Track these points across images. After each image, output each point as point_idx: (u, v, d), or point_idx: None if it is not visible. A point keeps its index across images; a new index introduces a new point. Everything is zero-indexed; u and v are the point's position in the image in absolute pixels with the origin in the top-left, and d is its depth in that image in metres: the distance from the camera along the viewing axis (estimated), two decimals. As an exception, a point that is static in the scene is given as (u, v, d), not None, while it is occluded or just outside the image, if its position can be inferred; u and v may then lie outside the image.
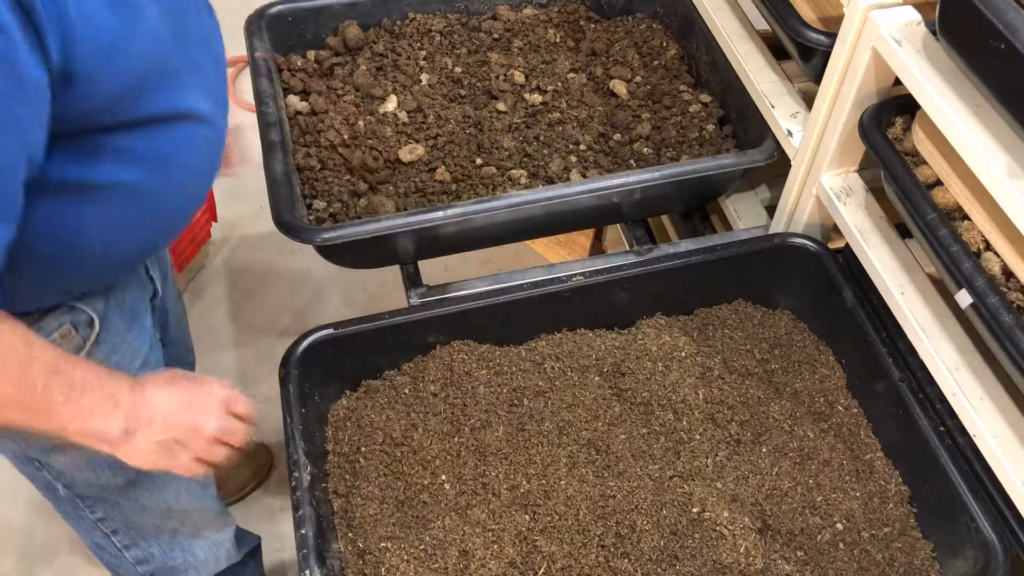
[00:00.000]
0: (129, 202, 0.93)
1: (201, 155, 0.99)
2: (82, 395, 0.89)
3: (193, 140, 0.97)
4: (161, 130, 0.92)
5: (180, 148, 0.95)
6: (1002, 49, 0.93)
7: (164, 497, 1.26)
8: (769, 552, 1.16)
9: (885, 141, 1.16)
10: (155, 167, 0.93)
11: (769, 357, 1.39)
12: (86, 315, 1.04)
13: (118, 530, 1.29)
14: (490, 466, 1.23)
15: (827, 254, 1.38)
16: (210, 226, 2.26)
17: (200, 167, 1.01)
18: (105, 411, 0.91)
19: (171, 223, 1.05)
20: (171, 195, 0.98)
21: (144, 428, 0.95)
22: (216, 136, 1.01)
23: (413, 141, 1.51)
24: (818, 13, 1.39)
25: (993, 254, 1.05)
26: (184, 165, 0.97)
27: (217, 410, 1.02)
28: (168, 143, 0.93)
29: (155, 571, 1.37)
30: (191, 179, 1.01)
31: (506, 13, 1.74)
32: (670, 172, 1.38)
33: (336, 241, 1.27)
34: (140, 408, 0.95)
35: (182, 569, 1.39)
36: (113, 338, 1.09)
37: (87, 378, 0.90)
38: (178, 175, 0.97)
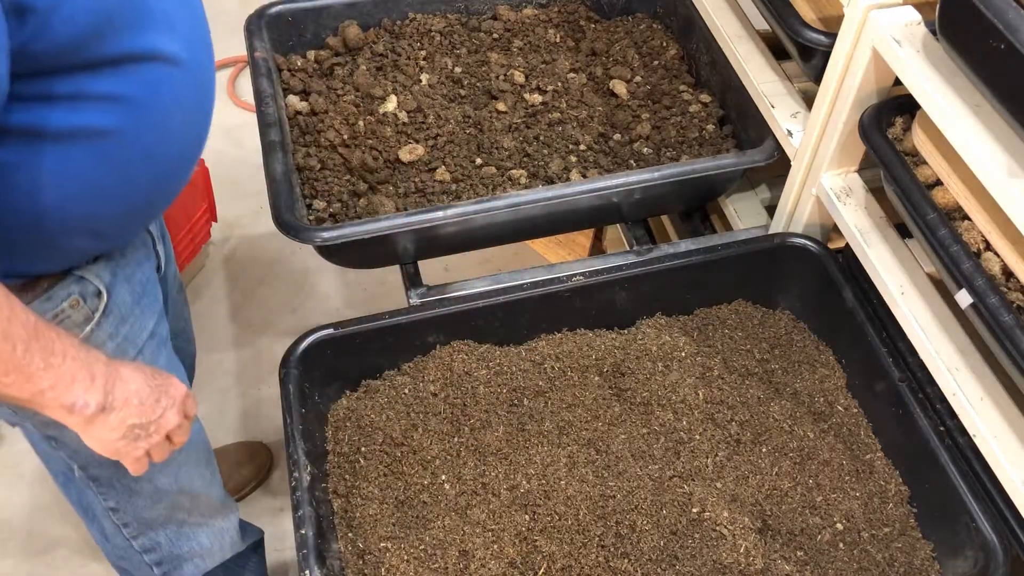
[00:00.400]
0: (104, 150, 0.91)
1: (178, 99, 0.96)
2: (63, 362, 0.88)
3: (165, 83, 0.93)
4: (128, 72, 0.89)
5: (151, 91, 0.92)
6: (1002, 49, 0.93)
7: (177, 477, 1.26)
8: (769, 552, 1.16)
9: (885, 141, 1.16)
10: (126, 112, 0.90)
11: (769, 357, 1.39)
12: (93, 286, 1.04)
13: (129, 523, 1.29)
14: (490, 466, 1.23)
15: (827, 254, 1.38)
16: (210, 226, 2.26)
17: (179, 113, 0.97)
18: (84, 381, 0.91)
19: (159, 176, 1.01)
20: (152, 143, 0.95)
21: (121, 408, 0.95)
22: (193, 80, 0.98)
23: (413, 141, 1.51)
24: (818, 13, 1.39)
25: (993, 254, 1.05)
26: (159, 110, 0.94)
27: (179, 406, 1.03)
28: (137, 86, 0.90)
29: (161, 559, 1.37)
30: (171, 126, 0.97)
31: (506, 13, 1.74)
32: (670, 172, 1.38)
33: (336, 241, 1.27)
34: (118, 387, 0.94)
35: (187, 558, 1.39)
36: (121, 310, 1.09)
37: (67, 347, 0.89)
38: (155, 120, 0.94)
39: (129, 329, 1.11)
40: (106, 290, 1.05)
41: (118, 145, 0.92)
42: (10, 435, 2.05)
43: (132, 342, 1.11)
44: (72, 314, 1.03)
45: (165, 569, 1.38)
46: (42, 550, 1.90)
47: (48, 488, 1.97)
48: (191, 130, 1.02)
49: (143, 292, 1.13)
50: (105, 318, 1.07)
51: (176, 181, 1.06)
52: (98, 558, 1.89)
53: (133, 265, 1.11)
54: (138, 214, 1.05)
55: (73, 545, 1.90)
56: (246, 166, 2.56)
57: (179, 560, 1.38)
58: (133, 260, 1.11)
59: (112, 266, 1.06)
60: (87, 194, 0.93)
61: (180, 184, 1.07)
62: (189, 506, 1.32)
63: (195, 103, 1.01)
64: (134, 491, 1.24)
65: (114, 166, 0.93)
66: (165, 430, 1.01)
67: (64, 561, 1.88)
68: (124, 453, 0.99)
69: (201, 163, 2.11)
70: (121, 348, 1.10)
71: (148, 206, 1.06)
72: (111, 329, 1.08)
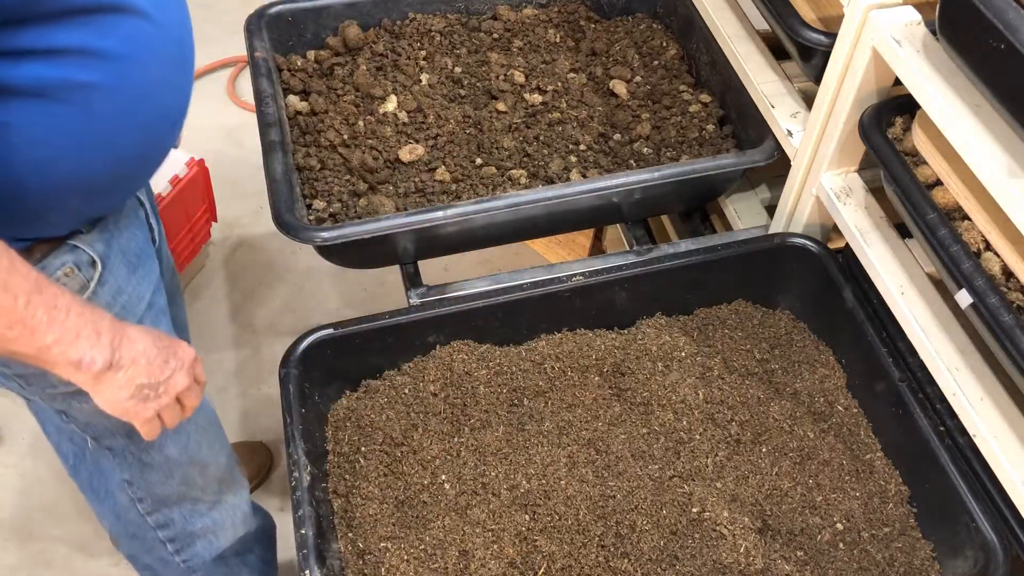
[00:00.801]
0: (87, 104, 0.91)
1: (154, 54, 0.96)
2: (67, 317, 0.88)
3: (139, 37, 0.93)
4: (99, 24, 0.89)
5: (126, 44, 0.92)
6: (1002, 49, 0.93)
7: (187, 447, 1.26)
8: (769, 552, 1.16)
9: (885, 141, 1.16)
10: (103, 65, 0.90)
11: (769, 357, 1.39)
12: (88, 255, 1.04)
13: (143, 498, 1.30)
14: (490, 466, 1.23)
15: (827, 254, 1.38)
16: (210, 226, 2.26)
17: (158, 68, 0.97)
18: (90, 336, 0.91)
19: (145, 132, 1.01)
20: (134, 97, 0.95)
21: (129, 367, 0.95)
22: (167, 35, 0.98)
23: (413, 141, 1.51)
24: (818, 13, 1.39)
25: (993, 254, 1.05)
26: (137, 63, 0.93)
27: (188, 369, 1.03)
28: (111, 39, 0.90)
29: (175, 536, 1.38)
30: (151, 80, 0.96)
31: (506, 13, 1.74)
32: (670, 172, 1.38)
33: (336, 241, 1.27)
34: (124, 345, 0.94)
35: (200, 535, 1.39)
36: (117, 280, 1.09)
37: (70, 303, 0.89)
38: (134, 74, 0.94)
39: (127, 299, 1.11)
40: (100, 260, 1.05)
41: (100, 99, 0.91)
42: (10, 435, 2.05)
43: (130, 312, 1.12)
44: (67, 283, 1.03)
45: (178, 546, 1.39)
46: (42, 550, 1.90)
47: (48, 488, 1.97)
48: (172, 85, 1.02)
49: (138, 262, 1.13)
50: (101, 287, 1.07)
51: (162, 139, 1.05)
52: (98, 558, 1.89)
53: (127, 236, 1.11)
54: (127, 172, 1.05)
55: (73, 545, 1.90)
56: (246, 166, 2.56)
57: (192, 537, 1.39)
58: (127, 231, 1.11)
59: (106, 236, 1.07)
60: (74, 150, 0.93)
61: (167, 143, 1.07)
62: (201, 482, 1.32)
63: (173, 58, 1.00)
64: (146, 464, 1.24)
65: (99, 121, 0.93)
66: (175, 391, 1.01)
67: (64, 561, 1.88)
68: (135, 413, 0.99)
69: (201, 163, 2.11)
70: (120, 317, 1.09)
71: (136, 164, 1.05)
72: (108, 299, 1.08)
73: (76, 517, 1.93)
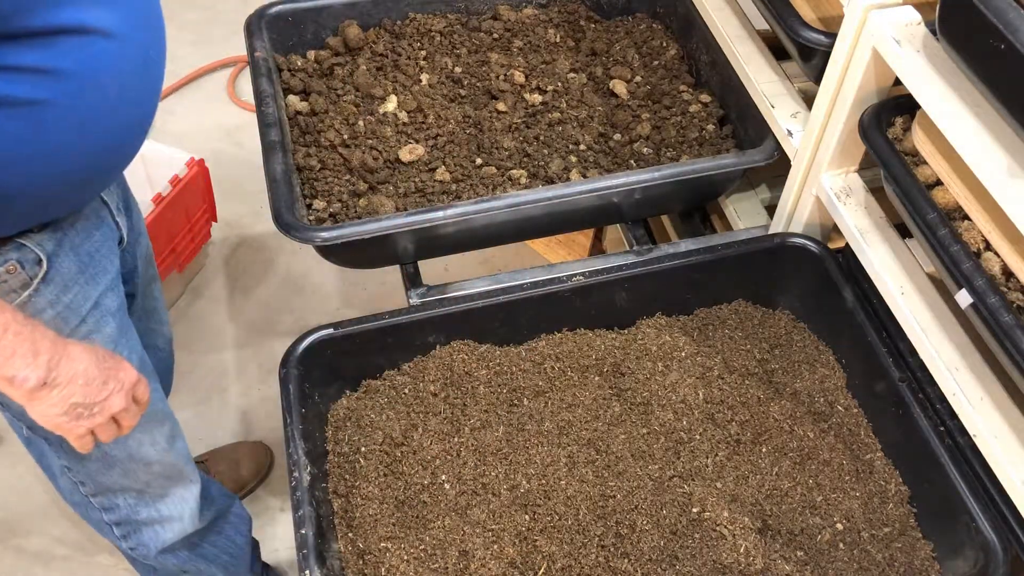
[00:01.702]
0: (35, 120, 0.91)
1: (114, 74, 0.96)
2: (3, 335, 0.90)
3: (98, 57, 0.93)
4: (56, 45, 0.89)
5: (82, 65, 0.92)
6: (1002, 49, 0.93)
7: (127, 443, 1.26)
8: (769, 552, 1.16)
9: (885, 141, 1.16)
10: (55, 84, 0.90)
11: (769, 357, 1.39)
12: (34, 254, 1.04)
13: (85, 482, 1.30)
14: (490, 466, 1.23)
15: (827, 254, 1.38)
16: (210, 226, 2.26)
17: (116, 88, 0.97)
18: (26, 357, 0.92)
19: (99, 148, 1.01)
20: (87, 116, 0.95)
21: (65, 386, 0.96)
22: (132, 56, 0.98)
23: (413, 141, 1.51)
24: (818, 13, 1.39)
25: (993, 254, 1.05)
26: (92, 83, 0.94)
27: (127, 390, 1.04)
28: (66, 59, 0.90)
29: (120, 521, 1.38)
30: (108, 100, 0.97)
31: (506, 13, 1.74)
32: (670, 172, 1.38)
33: (336, 241, 1.27)
34: (63, 364, 0.96)
35: (146, 523, 1.39)
36: (64, 279, 1.09)
37: (9, 321, 0.91)
38: (88, 93, 0.94)
39: (72, 298, 1.11)
40: (47, 259, 1.06)
41: (50, 116, 0.92)
42: (9, 435, 2.05)
43: (74, 311, 1.12)
44: (9, 279, 1.03)
45: (124, 531, 1.40)
46: (42, 550, 1.90)
47: (48, 488, 1.97)
48: (132, 104, 1.02)
49: (90, 262, 1.13)
50: (45, 285, 1.07)
51: (117, 154, 1.06)
52: (98, 557, 1.89)
53: (82, 235, 1.11)
54: (78, 184, 1.05)
55: (73, 545, 1.90)
56: (246, 166, 2.56)
57: (138, 525, 1.39)
58: (82, 230, 1.11)
59: (58, 236, 1.07)
60: (21, 162, 0.93)
61: (123, 157, 1.07)
62: (144, 476, 1.32)
63: (135, 79, 1.00)
64: (83, 456, 1.25)
65: (49, 135, 0.93)
66: (109, 412, 1.03)
67: (64, 561, 1.88)
68: (66, 429, 1.01)
69: (201, 163, 2.11)
70: (62, 316, 1.11)
71: (88, 176, 1.05)
72: (51, 297, 1.08)
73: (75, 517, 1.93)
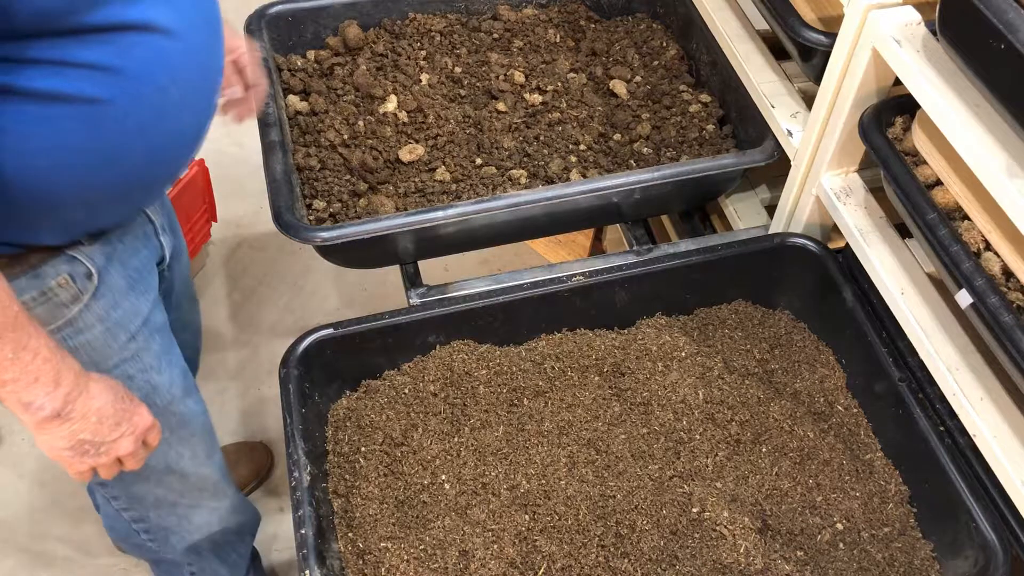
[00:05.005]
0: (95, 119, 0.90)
1: (174, 76, 0.94)
2: (32, 359, 0.89)
3: (159, 57, 0.91)
4: (117, 42, 0.88)
5: (143, 64, 0.90)
6: (1002, 49, 0.93)
7: (167, 454, 1.26)
8: (769, 552, 1.16)
9: (885, 141, 1.16)
10: (115, 82, 0.89)
11: (769, 357, 1.39)
12: (85, 267, 1.04)
13: (117, 495, 1.30)
14: (490, 466, 1.23)
15: (827, 254, 1.38)
16: (210, 226, 2.26)
17: (176, 89, 0.95)
18: (47, 385, 0.91)
19: (156, 152, 0.99)
20: (146, 117, 0.94)
21: (77, 421, 0.96)
22: (192, 58, 0.96)
23: (413, 141, 1.51)
24: (818, 13, 1.39)
25: (993, 254, 1.05)
26: (153, 84, 0.92)
27: (137, 435, 1.04)
28: (127, 57, 0.89)
29: (149, 528, 1.38)
30: (168, 102, 0.95)
31: (506, 13, 1.74)
32: (670, 172, 1.38)
33: (336, 241, 1.27)
34: (80, 400, 0.95)
35: (175, 531, 1.40)
36: (114, 295, 1.09)
37: (40, 346, 0.90)
38: (149, 94, 0.92)
39: (121, 314, 1.11)
40: (97, 273, 1.05)
41: (109, 116, 0.91)
42: (10, 435, 2.05)
43: (124, 327, 1.11)
44: (60, 293, 1.03)
45: (153, 536, 1.40)
46: (42, 550, 1.90)
47: (48, 488, 1.97)
48: (191, 109, 1.00)
49: (138, 278, 1.13)
50: (95, 300, 1.06)
51: (174, 160, 1.04)
52: (98, 558, 1.89)
53: (130, 251, 1.11)
54: (133, 190, 1.04)
55: (73, 545, 1.90)
56: (246, 166, 2.56)
57: (166, 532, 1.40)
58: (131, 246, 1.11)
59: (108, 250, 1.06)
60: (78, 163, 0.92)
61: (179, 165, 1.05)
62: (179, 487, 1.33)
63: (195, 82, 0.99)
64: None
65: (106, 137, 0.92)
66: (116, 454, 1.02)
67: (64, 561, 1.88)
68: (68, 463, 1.01)
69: (201, 163, 2.11)
70: (111, 332, 1.10)
71: (143, 182, 1.04)
72: (101, 312, 1.08)
73: (76, 517, 1.93)
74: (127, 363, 1.14)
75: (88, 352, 1.09)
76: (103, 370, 1.11)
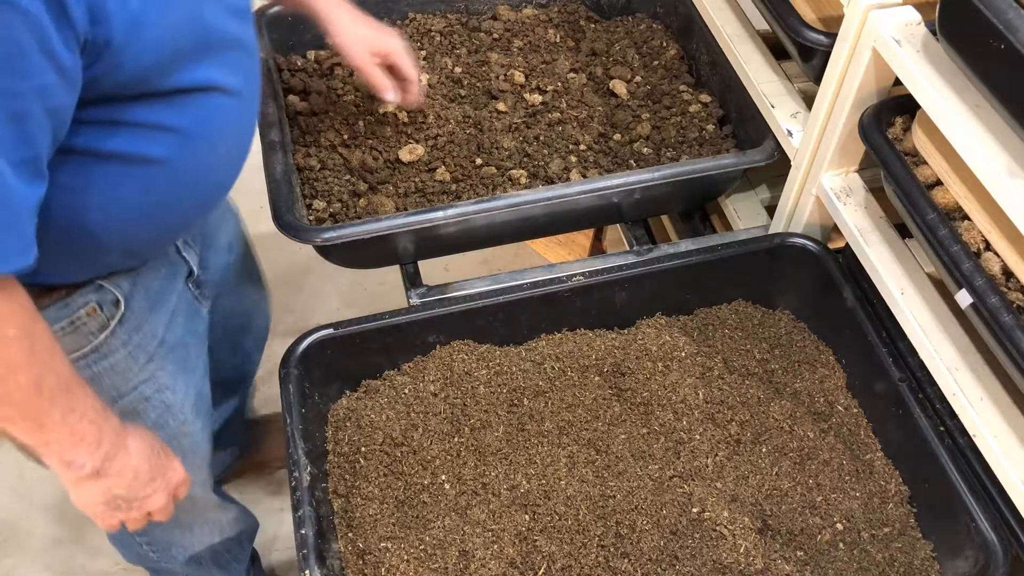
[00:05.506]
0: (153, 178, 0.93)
1: (224, 132, 0.98)
2: (79, 420, 0.89)
3: (217, 115, 0.95)
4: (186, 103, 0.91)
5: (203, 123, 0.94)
6: (1002, 49, 0.93)
7: None
8: (769, 552, 1.16)
9: (885, 141, 1.16)
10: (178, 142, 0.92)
11: (769, 357, 1.39)
12: (112, 295, 1.05)
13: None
14: (490, 466, 1.23)
15: (827, 254, 1.38)
16: (210, 226, 2.26)
17: (223, 145, 0.99)
18: (90, 445, 0.92)
19: (197, 204, 1.04)
20: (196, 174, 0.97)
21: (113, 478, 0.96)
22: (243, 114, 1.00)
23: (413, 141, 1.51)
24: (818, 13, 1.39)
25: (993, 254, 1.05)
26: (207, 141, 0.96)
27: (171, 490, 1.05)
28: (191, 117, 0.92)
29: (152, 541, 1.40)
30: (216, 157, 0.99)
31: (506, 13, 1.74)
32: (670, 172, 1.38)
33: (336, 241, 1.27)
34: (118, 458, 0.96)
35: (178, 544, 1.41)
36: (137, 318, 1.10)
37: (87, 407, 0.90)
38: (203, 152, 0.96)
39: (142, 337, 1.12)
40: (124, 299, 1.06)
41: (165, 175, 0.93)
42: (10, 435, 2.05)
43: (143, 349, 1.12)
44: (88, 322, 1.03)
45: (154, 548, 1.42)
46: (42, 550, 1.90)
47: (48, 488, 1.97)
48: (232, 161, 1.04)
49: (157, 299, 1.14)
50: (120, 326, 1.07)
51: (210, 206, 1.08)
52: (98, 558, 1.89)
53: (152, 273, 1.12)
54: (171, 236, 1.09)
55: (73, 545, 1.90)
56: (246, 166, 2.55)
57: (168, 544, 1.41)
58: (152, 267, 1.12)
59: (132, 277, 1.07)
60: (130, 219, 0.94)
61: (213, 209, 1.10)
62: (185, 506, 1.33)
63: (239, 135, 1.02)
64: None
65: (159, 195, 0.95)
66: (148, 508, 1.03)
67: (64, 561, 1.88)
68: (99, 516, 1.02)
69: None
70: (132, 355, 1.11)
71: (182, 226, 1.09)
72: (124, 337, 1.09)
73: (76, 517, 1.93)
74: (145, 384, 1.15)
75: (110, 376, 1.10)
76: (123, 392, 1.12)
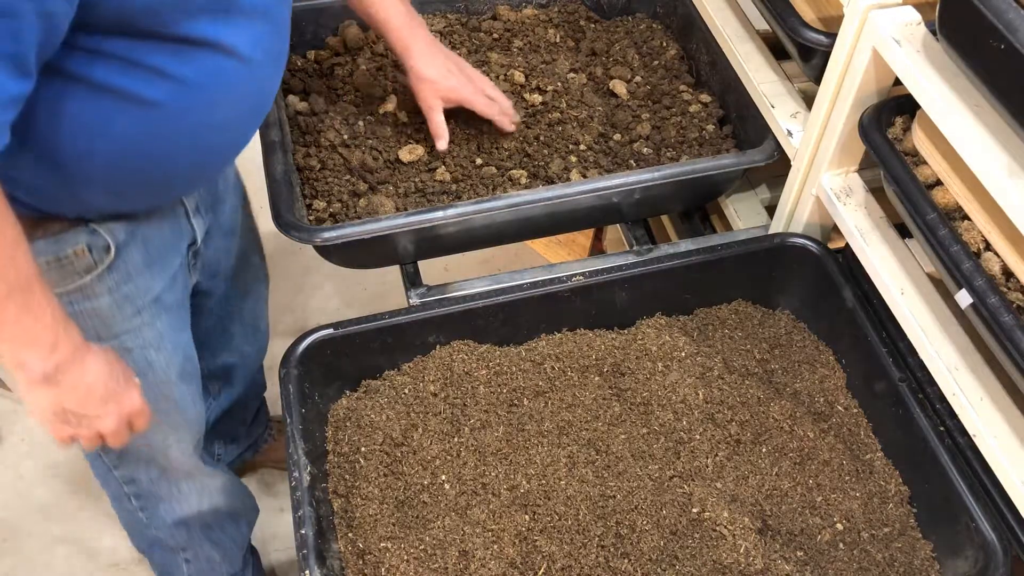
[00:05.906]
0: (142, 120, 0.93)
1: (228, 95, 0.98)
2: (35, 323, 0.90)
3: (220, 75, 0.95)
4: (186, 54, 0.91)
5: (203, 78, 0.94)
6: (1002, 49, 0.93)
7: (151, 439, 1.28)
8: (769, 552, 1.16)
9: (885, 141, 1.16)
10: (172, 90, 0.93)
11: (769, 357, 1.39)
12: (104, 241, 1.06)
13: (108, 450, 1.31)
14: (490, 466, 1.23)
15: (827, 254, 1.38)
16: (210, 226, 2.26)
17: (226, 108, 0.99)
18: (43, 348, 0.93)
19: (189, 161, 1.03)
20: (190, 129, 0.98)
21: (65, 389, 0.97)
22: (251, 82, 1.00)
23: (413, 141, 1.51)
24: (818, 13, 1.39)
25: (993, 254, 1.05)
26: (206, 98, 0.96)
27: (122, 415, 1.05)
28: (191, 69, 0.93)
29: (139, 493, 1.40)
30: (216, 118, 0.99)
31: (506, 13, 1.74)
32: (670, 172, 1.38)
33: (336, 241, 1.27)
34: (72, 369, 0.96)
35: (164, 499, 1.41)
36: (128, 268, 1.11)
37: (45, 311, 0.91)
38: (200, 108, 0.96)
39: (132, 288, 1.12)
40: (116, 247, 1.07)
41: (158, 120, 0.94)
42: (9, 435, 2.05)
43: (131, 301, 1.13)
44: (75, 261, 1.05)
45: (143, 503, 1.42)
46: (42, 550, 1.90)
47: (48, 488, 1.97)
48: (235, 128, 1.04)
49: (157, 256, 1.15)
50: (108, 273, 1.09)
51: (208, 170, 1.08)
52: (98, 558, 1.89)
53: (153, 229, 1.13)
54: (160, 189, 1.07)
55: (73, 545, 1.90)
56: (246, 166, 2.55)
57: (156, 499, 1.41)
58: (155, 225, 1.13)
59: (131, 227, 1.08)
60: (115, 154, 0.95)
61: (209, 176, 1.10)
62: (163, 463, 1.35)
63: (246, 104, 1.02)
64: None
65: (149, 140, 0.95)
66: (96, 430, 1.03)
67: (64, 561, 1.88)
68: (48, 426, 1.02)
69: (201, 163, 2.11)
70: (118, 304, 1.12)
71: (172, 184, 1.08)
72: (111, 284, 1.10)
73: (76, 517, 1.93)
74: (128, 335, 1.16)
75: (91, 318, 1.11)
76: (104, 338, 1.13)
